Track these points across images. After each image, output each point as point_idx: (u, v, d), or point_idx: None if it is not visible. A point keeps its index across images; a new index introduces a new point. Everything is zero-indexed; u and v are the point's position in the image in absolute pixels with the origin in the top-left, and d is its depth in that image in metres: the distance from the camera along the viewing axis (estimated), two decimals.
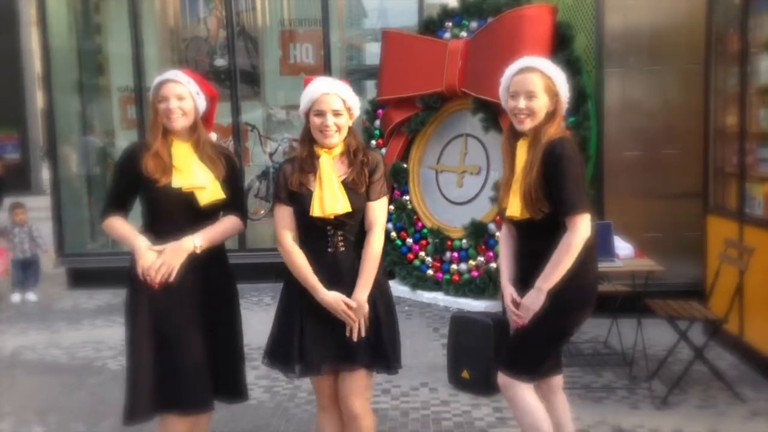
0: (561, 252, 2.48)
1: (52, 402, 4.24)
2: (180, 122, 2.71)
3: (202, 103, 2.79)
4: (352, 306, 2.56)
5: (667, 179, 5.43)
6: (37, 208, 11.87)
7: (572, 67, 5.16)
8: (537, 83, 2.57)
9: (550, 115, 2.60)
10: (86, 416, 4.00)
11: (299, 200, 2.62)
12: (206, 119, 2.86)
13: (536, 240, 2.57)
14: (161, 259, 2.61)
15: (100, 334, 5.63)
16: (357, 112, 2.72)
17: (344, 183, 2.62)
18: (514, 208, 2.57)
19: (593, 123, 5.40)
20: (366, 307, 2.59)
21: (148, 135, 2.81)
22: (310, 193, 2.60)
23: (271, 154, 7.89)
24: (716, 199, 4.93)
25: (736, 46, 4.57)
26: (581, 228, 2.47)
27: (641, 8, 5.43)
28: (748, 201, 4.41)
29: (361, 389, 2.67)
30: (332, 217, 2.56)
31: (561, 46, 5.44)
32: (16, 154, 19.01)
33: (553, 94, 2.60)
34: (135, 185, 2.72)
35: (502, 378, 2.70)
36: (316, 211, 2.56)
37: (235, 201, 2.85)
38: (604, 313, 2.85)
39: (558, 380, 2.84)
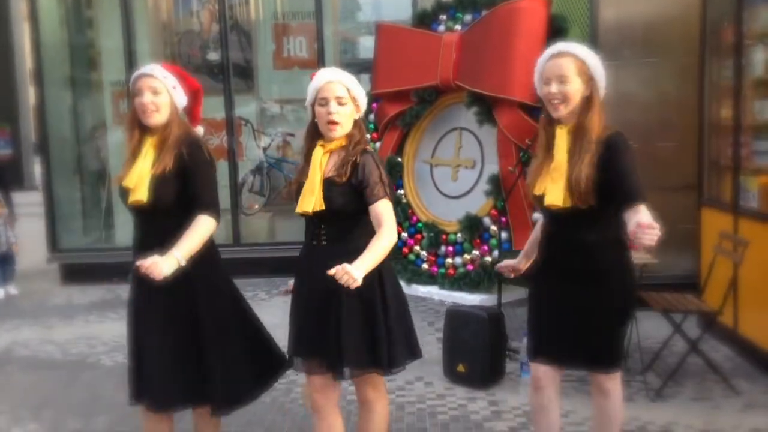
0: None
1: (46, 398, 4.22)
2: (154, 117, 2.66)
3: (181, 98, 2.73)
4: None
5: (662, 172, 5.42)
6: (30, 203, 11.81)
7: None
8: (569, 67, 2.50)
9: (588, 101, 2.52)
10: (81, 412, 3.98)
11: (297, 197, 2.64)
12: (191, 114, 2.81)
13: (586, 231, 2.53)
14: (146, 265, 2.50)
15: (94, 330, 5.61)
16: (364, 105, 2.64)
17: (328, 179, 2.56)
18: (555, 196, 2.48)
19: None
20: (352, 279, 2.31)
21: (125, 130, 2.73)
22: (301, 188, 2.61)
23: (264, 149, 7.86)
24: (711, 191, 4.93)
25: (730, 38, 4.56)
26: None
27: (635, 0, 5.42)
28: (743, 193, 4.42)
29: (372, 378, 2.69)
30: (311, 213, 2.53)
31: (555, 39, 5.39)
32: (8, 149, 18.91)
33: (588, 78, 2.51)
34: None
35: (615, 383, 2.65)
36: (297, 207, 2.58)
37: (199, 197, 2.67)
38: None
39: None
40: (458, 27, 6.25)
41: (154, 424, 2.79)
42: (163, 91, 2.68)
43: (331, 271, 2.31)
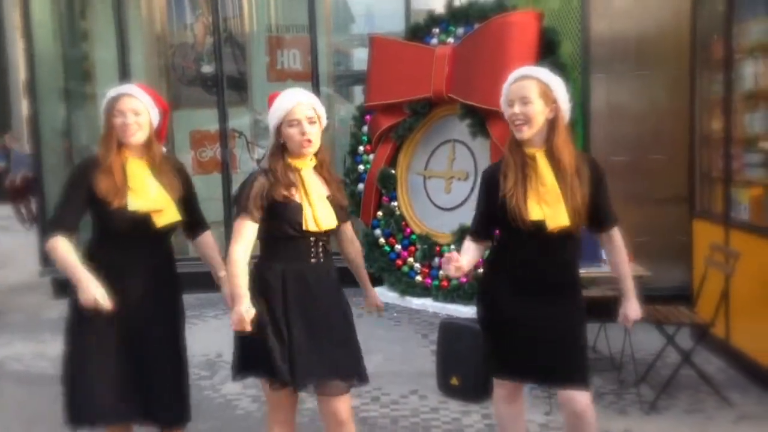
0: (626, 260, 2.75)
1: (39, 413, 4.19)
2: (137, 137, 2.68)
3: (156, 118, 2.77)
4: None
5: (654, 184, 5.47)
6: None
7: (558, 73, 5.18)
8: (532, 89, 2.57)
9: (552, 124, 2.58)
10: None
11: (285, 212, 2.58)
12: (158, 133, 2.84)
13: (565, 251, 2.65)
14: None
15: None
16: (325, 121, 2.71)
17: (330, 197, 2.67)
18: (561, 218, 2.54)
19: (579, 128, 5.43)
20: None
21: (100, 150, 2.71)
22: (297, 206, 2.58)
23: (258, 161, 7.86)
24: (702, 203, 4.96)
25: (720, 52, 4.60)
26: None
27: (627, 14, 5.47)
28: (734, 205, 4.45)
29: (346, 396, 2.68)
30: (323, 230, 2.59)
31: (547, 52, 5.47)
32: (1, 162, 18.86)
33: (551, 101, 2.58)
34: (87, 203, 2.67)
35: (586, 398, 2.64)
36: (311, 225, 2.57)
37: (198, 216, 2.92)
38: (591, 318, 2.86)
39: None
40: (451, 40, 6.29)
41: None
42: (144, 112, 2.71)
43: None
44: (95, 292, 2.53)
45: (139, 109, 2.69)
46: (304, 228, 2.56)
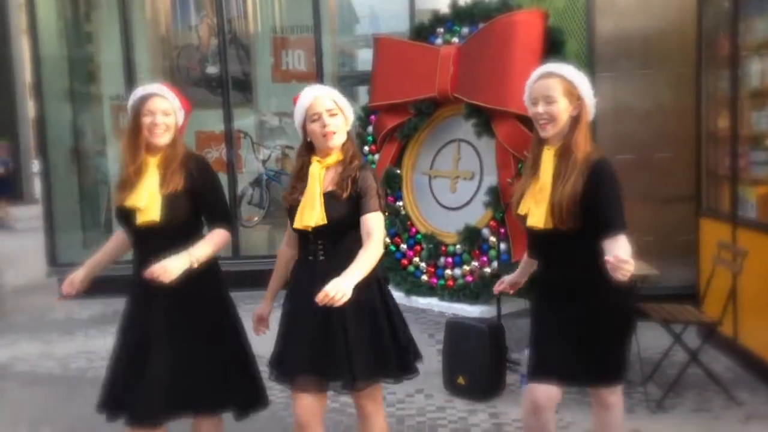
0: (624, 246, 2.36)
1: (45, 414, 4.21)
2: (165, 137, 2.70)
3: (180, 119, 2.79)
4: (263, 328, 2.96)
5: (660, 182, 5.45)
6: (29, 217, 11.83)
7: None
8: (556, 87, 2.53)
9: (575, 121, 2.54)
10: (81, 427, 3.97)
11: (288, 212, 2.71)
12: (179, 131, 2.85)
13: (565, 250, 2.54)
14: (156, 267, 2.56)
15: (94, 345, 5.59)
16: (351, 116, 2.70)
17: (328, 192, 2.60)
18: (537, 218, 2.52)
19: None
20: (343, 293, 2.28)
21: (125, 151, 2.74)
22: (297, 204, 2.65)
23: (263, 161, 7.89)
24: (709, 201, 4.95)
25: (726, 49, 4.59)
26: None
27: (632, 12, 5.45)
28: (741, 203, 4.43)
29: (369, 390, 2.67)
30: (309, 228, 2.58)
31: (552, 51, 5.45)
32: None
33: (575, 98, 2.54)
34: None
35: (616, 396, 2.66)
36: (296, 222, 2.61)
37: (213, 212, 2.80)
38: None
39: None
40: (456, 40, 6.28)
41: None
42: (172, 113, 2.74)
43: (321, 297, 2.28)
44: (69, 277, 2.93)
45: (168, 110, 2.72)
46: (294, 226, 2.63)
